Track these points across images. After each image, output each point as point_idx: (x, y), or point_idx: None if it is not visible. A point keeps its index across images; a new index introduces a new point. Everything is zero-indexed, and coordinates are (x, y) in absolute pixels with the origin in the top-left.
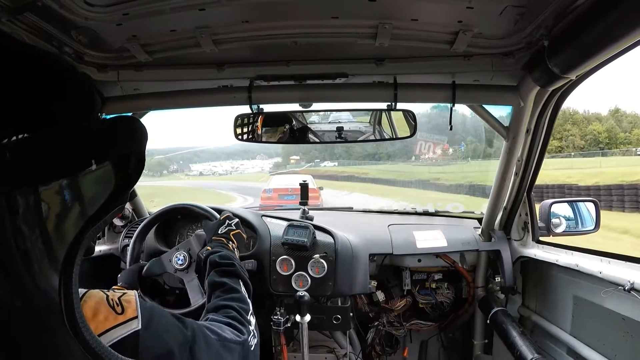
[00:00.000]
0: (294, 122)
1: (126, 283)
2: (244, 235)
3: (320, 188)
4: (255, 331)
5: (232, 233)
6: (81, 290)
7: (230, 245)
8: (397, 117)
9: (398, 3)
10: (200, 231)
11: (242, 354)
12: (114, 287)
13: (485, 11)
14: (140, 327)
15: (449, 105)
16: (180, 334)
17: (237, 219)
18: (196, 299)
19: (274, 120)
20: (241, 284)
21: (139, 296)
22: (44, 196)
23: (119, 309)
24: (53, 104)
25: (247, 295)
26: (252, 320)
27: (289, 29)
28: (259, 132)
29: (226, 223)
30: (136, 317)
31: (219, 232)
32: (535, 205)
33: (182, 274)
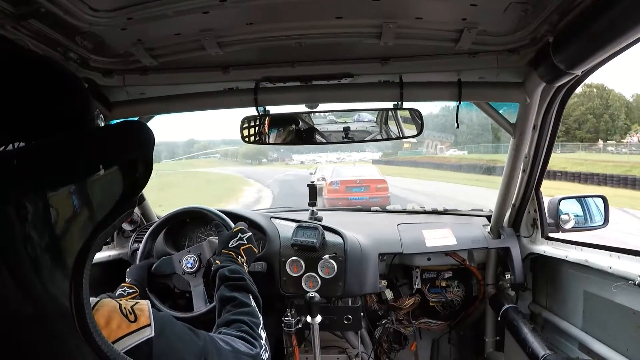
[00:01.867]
0: (301, 123)
1: (135, 280)
2: (255, 250)
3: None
4: (266, 345)
5: (242, 248)
6: (93, 299)
7: (239, 260)
8: (404, 116)
9: (402, 2)
10: (213, 238)
11: None
12: (122, 284)
13: (490, 8)
14: (153, 334)
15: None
16: (193, 344)
17: (249, 233)
18: (199, 306)
19: (281, 122)
20: (251, 298)
21: (143, 293)
22: (52, 202)
23: (131, 317)
24: (59, 110)
25: (257, 310)
26: (263, 334)
27: (293, 30)
28: (266, 133)
29: (238, 236)
30: (149, 325)
31: (229, 245)
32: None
33: (190, 277)
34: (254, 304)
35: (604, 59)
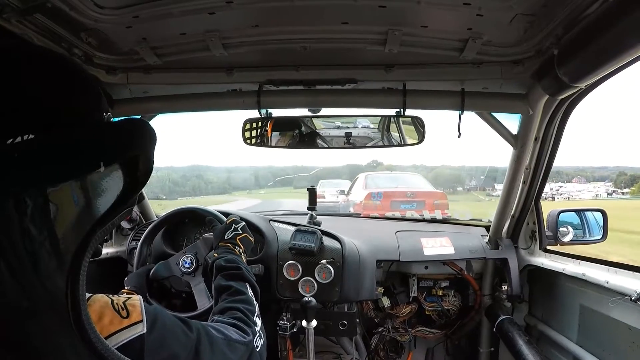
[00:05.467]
0: (303, 127)
1: (134, 287)
2: (251, 239)
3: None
4: (261, 332)
5: (238, 237)
6: (86, 294)
7: (236, 250)
8: (406, 124)
9: (408, 10)
10: (208, 235)
11: (247, 354)
12: (122, 290)
13: (495, 19)
14: (145, 330)
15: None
16: (184, 336)
17: (243, 223)
18: (203, 303)
19: (283, 125)
20: (248, 286)
21: (144, 300)
22: (52, 198)
23: (124, 313)
24: (63, 105)
25: (254, 298)
26: (258, 321)
27: (298, 34)
28: (268, 136)
29: (232, 227)
30: (141, 321)
31: (225, 237)
32: (543, 213)
33: (189, 278)
34: (250, 292)
35: (608, 73)
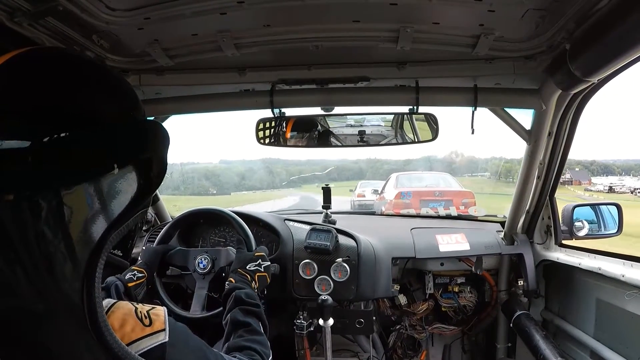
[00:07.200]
0: (317, 126)
1: (146, 264)
2: (269, 280)
3: None
4: None
5: (257, 274)
6: (110, 301)
7: (252, 284)
8: (419, 121)
9: (419, 7)
10: (232, 250)
11: None
12: (133, 267)
13: (507, 14)
14: (167, 339)
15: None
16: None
17: (268, 263)
18: (195, 309)
19: (296, 124)
20: (261, 326)
21: (149, 278)
22: (65, 200)
23: (146, 321)
24: (79, 107)
25: (267, 339)
26: None
27: (310, 33)
28: (281, 136)
29: (258, 262)
30: (163, 330)
31: (247, 267)
32: (558, 208)
33: (198, 277)
34: (263, 332)
35: (620, 67)
